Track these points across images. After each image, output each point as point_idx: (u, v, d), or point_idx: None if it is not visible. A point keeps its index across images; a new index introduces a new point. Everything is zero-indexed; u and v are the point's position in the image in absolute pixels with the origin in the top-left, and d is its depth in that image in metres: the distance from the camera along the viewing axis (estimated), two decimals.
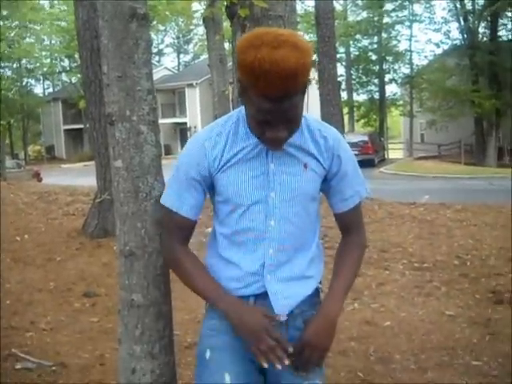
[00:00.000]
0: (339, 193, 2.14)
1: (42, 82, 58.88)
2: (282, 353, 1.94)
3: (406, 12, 44.28)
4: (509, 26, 37.79)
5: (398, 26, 45.16)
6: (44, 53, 52.37)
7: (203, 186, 2.08)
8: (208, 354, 2.05)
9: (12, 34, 48.93)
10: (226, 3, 3.23)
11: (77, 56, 38.23)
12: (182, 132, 47.95)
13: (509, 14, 36.48)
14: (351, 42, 44.89)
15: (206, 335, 2.13)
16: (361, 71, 46.97)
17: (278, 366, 1.94)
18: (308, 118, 2.11)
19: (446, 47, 40.28)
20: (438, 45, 41.70)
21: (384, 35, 45.13)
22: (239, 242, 2.07)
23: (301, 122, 1.97)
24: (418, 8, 44.73)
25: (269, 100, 1.81)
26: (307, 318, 2.08)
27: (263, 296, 2.06)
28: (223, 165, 2.03)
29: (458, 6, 36.71)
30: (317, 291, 2.18)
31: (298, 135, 2.03)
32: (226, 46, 13.51)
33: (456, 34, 40.01)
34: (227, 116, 2.13)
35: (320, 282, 2.21)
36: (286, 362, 1.94)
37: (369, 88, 47.78)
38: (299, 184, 2.04)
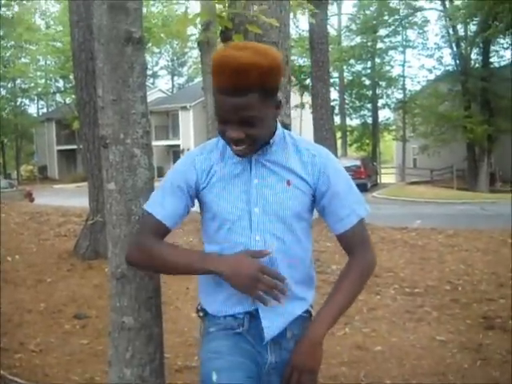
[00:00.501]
0: (333, 213, 2.14)
1: (36, 102, 58.99)
2: (283, 286, 2.00)
3: (399, 38, 44.62)
4: (501, 53, 38.21)
5: (391, 52, 45.47)
6: (39, 73, 52.48)
7: (187, 198, 2.12)
8: (215, 377, 2.03)
9: (7, 54, 49.16)
10: (220, 28, 3.25)
11: (71, 77, 38.34)
12: (175, 154, 47.96)
13: (501, 41, 36.86)
14: (345, 67, 45.08)
15: (208, 358, 2.11)
16: (354, 96, 47.16)
17: (283, 301, 2.00)
18: (296, 137, 2.18)
19: (438, 73, 40.56)
20: (430, 70, 42.01)
21: (377, 60, 45.39)
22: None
23: (264, 132, 2.01)
24: (411, 34, 45.16)
25: (221, 93, 1.90)
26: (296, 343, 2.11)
27: (255, 313, 2.08)
28: (209, 180, 2.09)
29: (451, 32, 37.03)
30: (309, 315, 2.19)
31: (281, 153, 2.10)
32: None
33: (449, 59, 40.44)
34: (217, 138, 2.18)
35: (311, 306, 2.21)
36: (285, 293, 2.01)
37: (362, 113, 47.96)
38: (282, 200, 2.07)
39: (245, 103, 1.90)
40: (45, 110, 60.19)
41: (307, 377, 2.06)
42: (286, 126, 3.61)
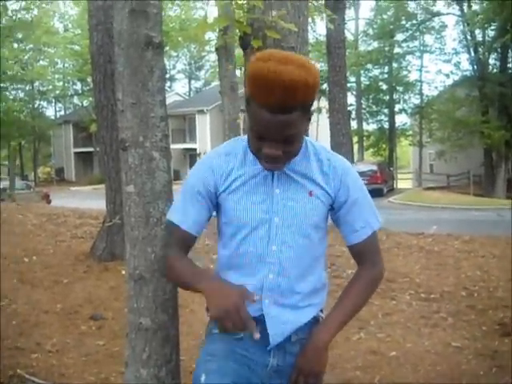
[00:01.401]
0: (349, 224, 2.15)
1: (53, 104, 59.41)
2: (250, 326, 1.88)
3: (416, 42, 44.56)
4: None
5: (408, 57, 45.39)
6: (57, 76, 52.90)
7: (208, 203, 2.11)
8: (203, 378, 2.07)
9: (26, 57, 49.49)
10: (239, 34, 3.27)
11: (89, 80, 38.60)
12: (192, 158, 48.10)
13: None
14: (362, 72, 45.09)
15: (202, 360, 2.14)
16: (371, 101, 47.13)
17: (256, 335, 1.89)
18: (317, 146, 2.15)
19: (456, 78, 40.43)
20: (448, 75, 41.94)
21: (394, 65, 45.32)
22: (240, 265, 2.10)
23: (299, 148, 2.01)
24: (428, 39, 44.91)
25: (267, 110, 1.84)
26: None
27: (260, 319, 2.08)
28: (229, 185, 2.07)
29: (469, 37, 36.89)
30: (316, 320, 2.19)
31: (304, 163, 2.08)
32: (238, 73, 13.56)
33: (466, 65, 40.29)
34: (237, 137, 2.18)
35: (322, 311, 2.23)
36: (257, 336, 1.89)
37: (379, 118, 47.93)
38: (303, 210, 2.06)
39: (290, 121, 1.87)
40: (62, 113, 60.62)
41: (312, 380, 2.09)
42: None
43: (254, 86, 1.85)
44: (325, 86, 31.84)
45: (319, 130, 36.28)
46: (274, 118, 1.84)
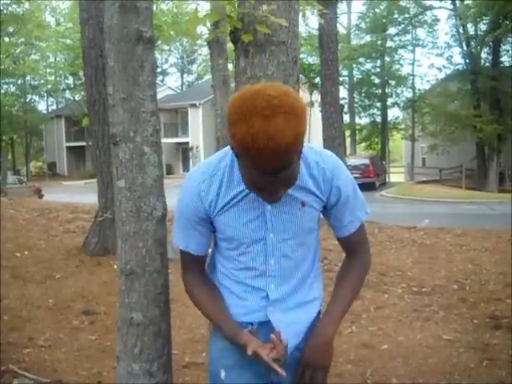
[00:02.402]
0: (339, 219, 2.15)
1: (45, 98, 59.09)
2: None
3: (409, 36, 44.48)
4: (511, 52, 38.05)
5: (400, 50, 45.32)
6: (48, 70, 52.69)
7: (206, 225, 2.09)
8: (223, 374, 2.08)
9: (17, 51, 49.29)
10: (230, 28, 3.27)
11: (81, 74, 38.51)
12: (184, 152, 48.08)
13: (511, 40, 36.71)
14: (354, 66, 45.02)
15: (216, 356, 2.15)
16: (363, 94, 47.09)
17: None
18: (304, 151, 2.01)
19: (448, 72, 40.46)
20: (440, 69, 41.99)
21: (387, 59, 45.29)
22: (240, 278, 2.10)
23: (297, 178, 1.91)
24: (421, 33, 44.90)
25: (264, 173, 1.76)
26: (306, 341, 2.12)
27: (266, 323, 2.09)
28: (220, 208, 2.03)
29: (461, 31, 36.94)
30: (318, 313, 2.21)
31: None
32: (230, 67, 13.55)
33: (458, 59, 40.37)
34: (220, 155, 2.07)
35: (321, 304, 2.24)
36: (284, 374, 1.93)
37: (371, 111, 47.89)
38: (297, 222, 2.05)
39: (289, 173, 1.80)
40: (54, 107, 60.35)
41: (320, 374, 2.08)
42: None
43: (244, 150, 1.73)
44: (317, 79, 31.84)
45: (311, 123, 36.31)
46: (273, 178, 1.78)
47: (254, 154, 1.69)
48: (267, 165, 1.72)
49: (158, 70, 63.62)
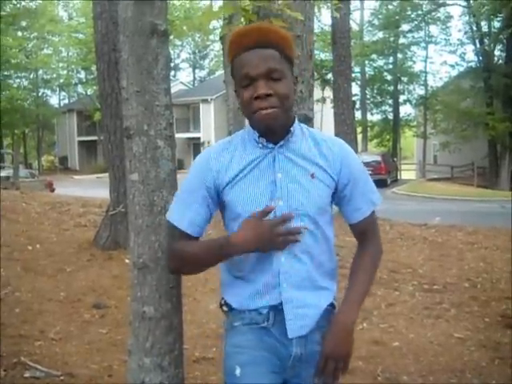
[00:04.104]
0: (352, 202, 2.15)
1: (57, 93, 59.29)
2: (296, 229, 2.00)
3: (421, 33, 44.38)
4: None
5: (413, 47, 45.24)
6: (61, 64, 52.84)
7: (208, 201, 2.09)
8: (238, 371, 2.06)
9: (30, 45, 49.50)
10: (244, 22, 3.26)
11: (93, 68, 38.67)
12: (196, 147, 48.10)
13: None
14: (366, 62, 44.94)
15: (231, 352, 2.13)
16: (375, 91, 47.00)
17: (299, 238, 2.00)
18: (311, 129, 2.18)
19: (461, 69, 40.29)
20: (453, 67, 41.83)
21: (399, 56, 45.18)
22: (252, 256, 2.07)
23: (288, 94, 2.02)
24: (434, 29, 44.91)
25: (244, 51, 1.99)
26: (325, 332, 2.10)
27: (278, 308, 2.07)
28: (231, 180, 2.05)
29: (474, 28, 36.77)
30: (333, 307, 2.18)
31: (303, 144, 2.09)
32: None
33: (471, 56, 40.13)
34: (235, 134, 2.18)
35: (335, 299, 2.21)
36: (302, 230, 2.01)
37: (383, 108, 47.80)
38: (307, 193, 2.05)
39: (270, 54, 1.98)
40: (66, 101, 60.56)
41: (342, 364, 2.07)
42: (310, 120, 3.62)
43: (231, 44, 2.05)
44: (329, 75, 31.79)
45: (323, 119, 36.27)
46: (253, 53, 1.98)
47: (237, 37, 2.03)
48: (247, 39, 2.00)
49: (171, 64, 63.71)
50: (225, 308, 2.19)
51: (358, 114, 42.97)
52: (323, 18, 38.64)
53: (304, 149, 2.09)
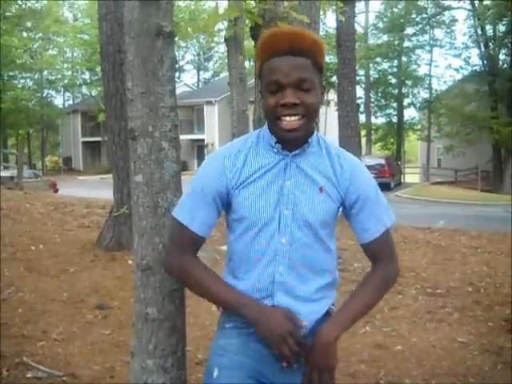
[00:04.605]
0: (361, 223, 2.12)
1: (62, 93, 59.39)
2: (303, 356, 2.00)
3: (426, 37, 44.34)
4: None
5: (418, 51, 45.19)
6: (66, 65, 52.96)
7: (217, 203, 2.08)
8: (216, 373, 2.06)
9: (35, 46, 49.63)
10: (250, 25, 3.26)
11: (98, 69, 38.66)
12: (199, 149, 48.11)
13: None
14: (371, 65, 44.95)
15: (215, 353, 2.14)
16: (380, 94, 46.99)
17: (295, 366, 2.01)
18: (327, 141, 2.15)
19: (465, 73, 40.31)
20: (457, 70, 41.81)
21: (404, 59, 45.16)
22: (252, 260, 2.07)
23: (316, 104, 2.01)
24: (438, 33, 44.75)
25: (276, 56, 1.94)
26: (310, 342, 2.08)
27: None
28: (242, 182, 2.04)
29: (479, 32, 36.75)
30: (328, 314, 2.16)
31: (317, 156, 2.07)
32: (247, 64, 13.53)
33: (476, 60, 39.96)
34: (248, 134, 2.17)
35: (333, 304, 2.21)
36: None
37: (387, 111, 47.78)
38: (312, 206, 2.04)
39: (302, 63, 1.94)
40: (71, 102, 60.70)
41: (326, 375, 2.05)
42: (315, 123, 3.62)
43: (264, 45, 1.98)
44: (334, 78, 31.77)
45: (327, 122, 36.23)
46: (284, 60, 1.94)
47: (268, 40, 1.98)
48: (280, 44, 1.94)
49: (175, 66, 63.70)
50: (220, 307, 2.21)
51: (362, 117, 42.92)
52: (328, 21, 38.60)
53: (317, 161, 2.07)
